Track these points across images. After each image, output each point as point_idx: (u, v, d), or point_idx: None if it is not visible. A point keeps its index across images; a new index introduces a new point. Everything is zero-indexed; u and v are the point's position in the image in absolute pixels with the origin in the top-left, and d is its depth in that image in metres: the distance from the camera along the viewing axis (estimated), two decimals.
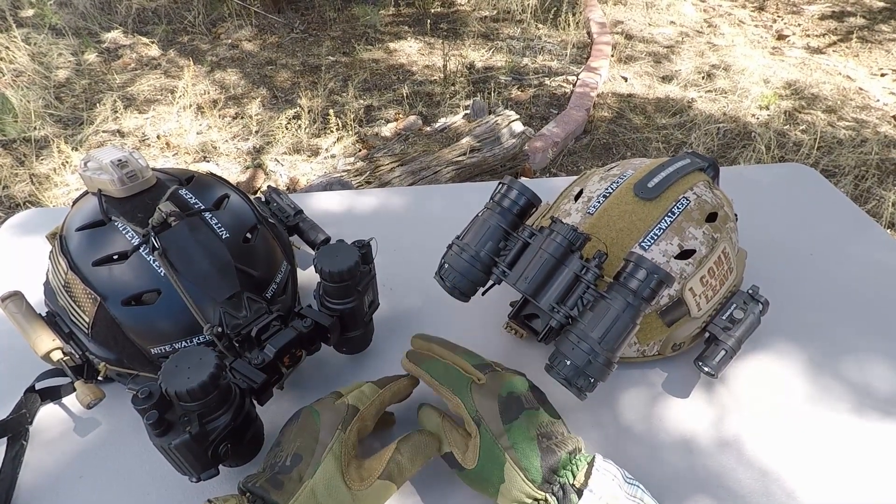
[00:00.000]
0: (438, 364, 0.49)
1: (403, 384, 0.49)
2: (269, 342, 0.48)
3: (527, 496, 0.41)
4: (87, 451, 0.51)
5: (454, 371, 0.47)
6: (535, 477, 0.41)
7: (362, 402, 0.45)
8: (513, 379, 0.47)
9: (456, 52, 2.86)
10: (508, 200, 0.50)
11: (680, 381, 0.58)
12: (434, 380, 0.47)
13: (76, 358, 0.52)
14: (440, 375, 0.48)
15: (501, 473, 0.41)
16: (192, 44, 2.94)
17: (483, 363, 0.49)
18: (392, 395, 0.48)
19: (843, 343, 0.62)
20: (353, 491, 0.40)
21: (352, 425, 0.43)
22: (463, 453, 0.44)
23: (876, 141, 2.21)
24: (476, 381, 0.46)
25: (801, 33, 3.20)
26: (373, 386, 0.47)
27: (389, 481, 0.41)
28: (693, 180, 0.57)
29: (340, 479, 0.40)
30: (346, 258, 0.50)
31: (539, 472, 0.41)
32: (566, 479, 0.41)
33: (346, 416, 0.43)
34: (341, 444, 0.42)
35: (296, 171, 2.06)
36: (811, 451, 0.52)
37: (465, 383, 0.46)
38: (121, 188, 0.53)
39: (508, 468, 0.41)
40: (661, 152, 2.19)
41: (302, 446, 0.42)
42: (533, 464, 0.41)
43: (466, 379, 0.47)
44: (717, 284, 0.55)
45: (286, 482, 0.40)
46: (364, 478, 0.41)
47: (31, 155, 2.06)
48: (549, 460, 0.42)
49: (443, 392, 0.47)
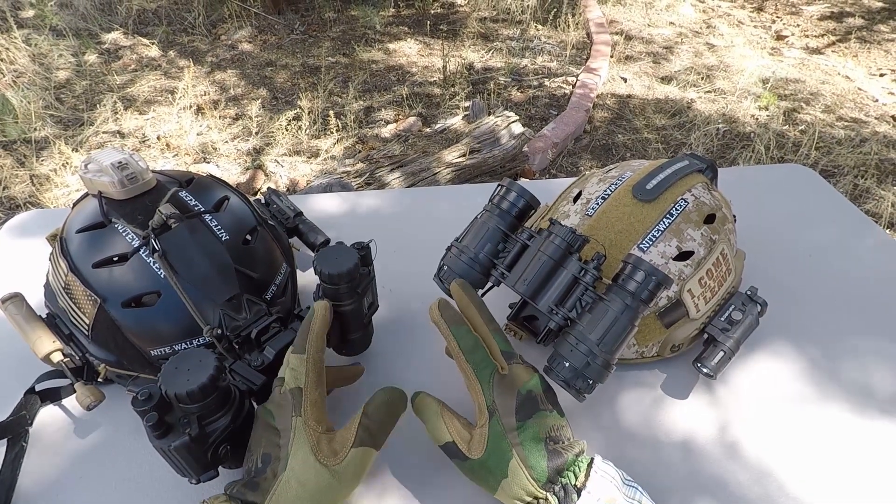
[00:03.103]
0: (469, 336, 0.46)
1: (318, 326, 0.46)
2: (269, 344, 0.49)
3: (528, 494, 0.41)
4: (87, 452, 0.52)
5: (482, 351, 0.46)
6: (541, 477, 0.41)
7: (298, 378, 0.43)
8: (532, 377, 0.46)
9: (455, 53, 2.86)
10: (507, 202, 0.50)
11: (679, 383, 0.58)
12: (461, 351, 0.45)
13: (76, 359, 0.52)
14: (468, 350, 0.45)
15: (506, 468, 0.41)
16: (192, 45, 2.94)
17: (510, 352, 0.47)
18: (317, 349, 0.45)
19: (843, 344, 0.62)
20: (331, 467, 0.40)
21: (303, 406, 0.42)
22: (467, 443, 0.44)
23: (875, 141, 2.22)
24: (500, 370, 0.45)
25: (800, 34, 3.20)
26: (295, 355, 0.45)
27: (366, 447, 0.41)
28: (691, 182, 0.58)
29: (314, 460, 0.40)
30: (346, 260, 0.50)
31: (545, 472, 0.41)
32: (568, 479, 0.41)
33: (293, 401, 0.42)
34: (302, 428, 0.41)
35: (296, 173, 2.06)
36: (810, 452, 0.52)
37: (489, 369, 0.45)
38: (121, 190, 0.53)
39: (514, 464, 0.41)
40: (661, 153, 2.20)
41: (267, 445, 0.41)
42: (539, 464, 0.41)
43: (492, 365, 0.45)
44: (715, 286, 0.56)
45: (262, 482, 0.40)
46: (338, 451, 0.41)
47: (32, 156, 2.07)
48: (555, 462, 0.42)
49: (464, 367, 0.45)
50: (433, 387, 0.56)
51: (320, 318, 0.46)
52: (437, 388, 0.56)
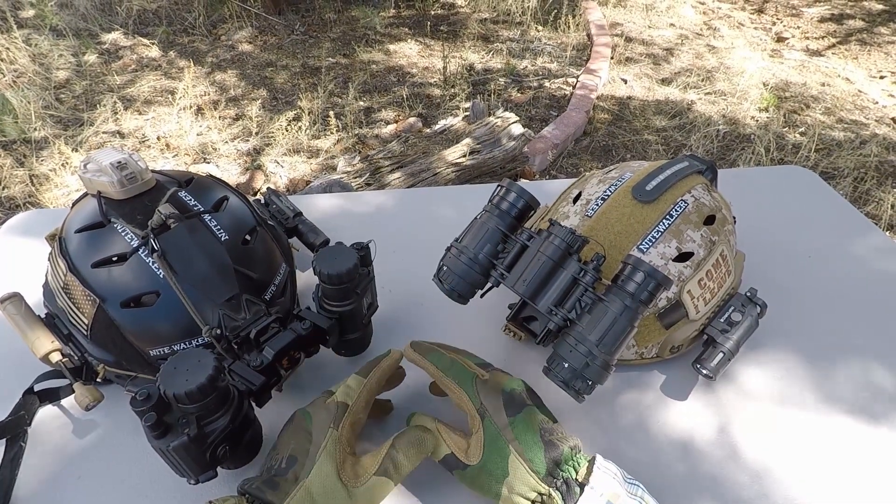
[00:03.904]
0: (444, 357, 0.49)
1: (386, 366, 0.49)
2: (268, 344, 0.48)
3: (531, 489, 0.41)
4: (86, 452, 0.51)
5: (459, 365, 0.48)
6: (540, 468, 0.41)
7: (350, 396, 0.45)
8: (511, 379, 0.48)
9: (455, 53, 2.87)
10: (507, 203, 0.50)
11: (678, 384, 0.58)
12: (439, 371, 0.48)
13: (75, 359, 0.52)
14: (445, 367, 0.48)
15: (506, 466, 0.42)
16: (193, 45, 2.94)
17: (484, 362, 0.50)
18: (377, 381, 0.48)
19: (842, 345, 0.62)
20: (350, 488, 0.40)
21: (343, 421, 0.43)
22: (465, 452, 0.44)
23: (875, 143, 2.22)
24: (480, 376, 0.47)
25: (801, 36, 3.20)
26: (357, 377, 0.47)
27: (386, 478, 0.41)
28: (691, 183, 0.57)
29: (336, 476, 0.40)
30: (345, 260, 0.50)
31: (543, 464, 0.42)
32: (569, 474, 0.41)
33: (336, 414, 0.44)
34: (335, 442, 0.42)
35: (295, 173, 2.06)
36: (809, 453, 0.52)
37: (469, 377, 0.47)
38: (120, 190, 0.53)
39: (513, 460, 0.42)
40: (661, 154, 2.20)
41: (296, 448, 0.42)
42: (537, 455, 0.42)
43: (470, 373, 0.47)
44: (715, 287, 0.56)
45: (282, 483, 0.40)
46: (360, 475, 0.41)
47: (31, 156, 2.07)
48: (551, 453, 0.42)
49: (447, 383, 0.47)
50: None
51: (392, 359, 0.49)
52: None
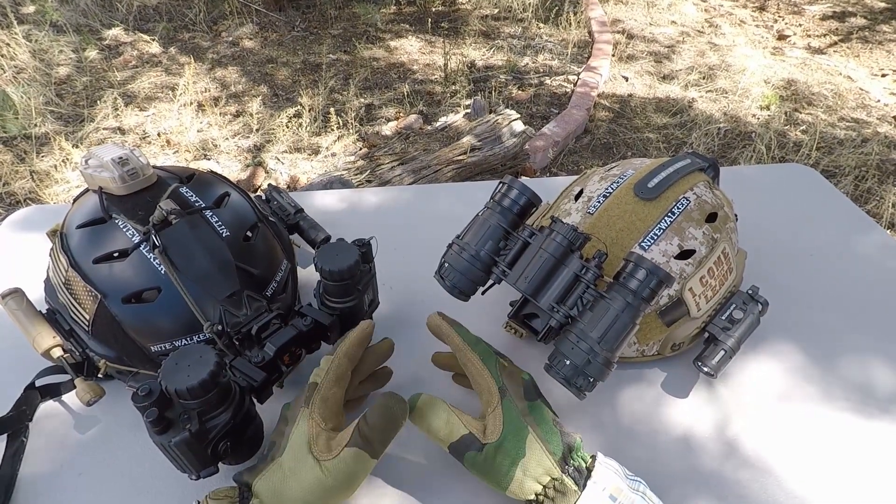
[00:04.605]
0: (469, 333, 0.50)
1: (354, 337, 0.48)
2: (269, 340, 0.49)
3: (546, 472, 0.41)
4: (87, 448, 0.52)
5: (483, 344, 0.49)
6: (556, 450, 0.42)
7: (318, 375, 0.46)
8: (525, 373, 0.49)
9: (457, 50, 2.86)
10: (509, 200, 0.50)
11: (679, 381, 0.58)
12: (466, 343, 0.48)
13: (76, 355, 0.52)
14: (472, 342, 0.49)
15: (523, 446, 0.42)
16: (193, 41, 2.94)
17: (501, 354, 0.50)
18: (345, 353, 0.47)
19: (844, 343, 0.62)
20: (322, 462, 0.40)
21: (313, 398, 0.44)
22: (482, 430, 0.44)
23: (876, 141, 2.21)
24: (501, 361, 0.48)
25: (802, 33, 3.20)
26: (327, 357, 0.47)
27: (361, 450, 0.41)
28: (693, 180, 0.57)
29: (307, 450, 0.41)
30: (346, 257, 0.50)
31: (560, 446, 0.42)
32: (581, 462, 0.42)
33: (307, 395, 0.45)
34: (305, 418, 0.43)
35: (296, 170, 2.06)
36: (810, 451, 0.52)
37: (492, 357, 0.48)
38: (121, 186, 0.53)
39: (531, 440, 0.42)
40: (662, 152, 2.19)
41: (275, 434, 0.44)
42: (554, 438, 0.43)
43: (494, 355, 0.48)
44: (716, 284, 0.55)
45: (260, 465, 0.42)
46: (332, 448, 0.41)
47: (32, 152, 2.06)
48: (566, 439, 0.43)
49: (470, 357, 0.48)
50: (434, 381, 0.56)
51: (359, 330, 0.49)
52: (437, 384, 0.56)
